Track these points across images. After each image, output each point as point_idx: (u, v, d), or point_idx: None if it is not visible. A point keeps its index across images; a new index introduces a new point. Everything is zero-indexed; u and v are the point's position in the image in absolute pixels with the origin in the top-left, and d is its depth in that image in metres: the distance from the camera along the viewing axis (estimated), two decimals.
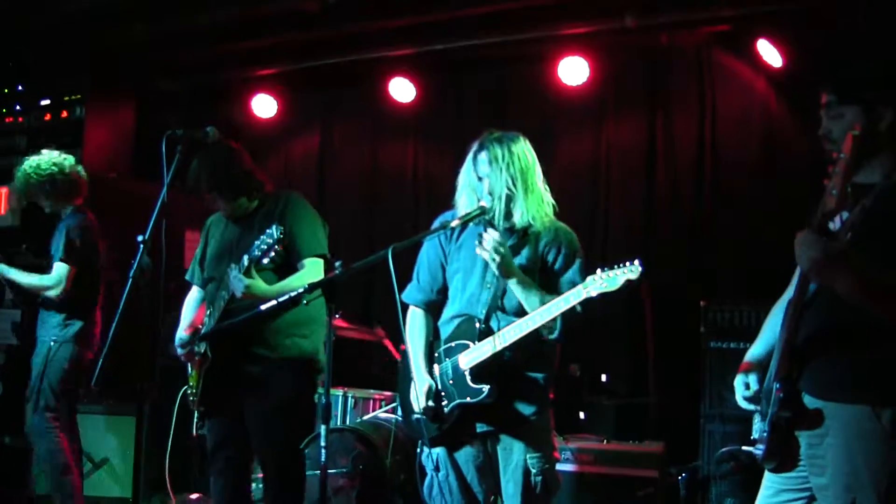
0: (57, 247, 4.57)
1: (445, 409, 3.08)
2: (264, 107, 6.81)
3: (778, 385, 2.38)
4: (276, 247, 3.25)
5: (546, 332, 2.97)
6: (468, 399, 3.00)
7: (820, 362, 2.34)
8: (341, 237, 6.43)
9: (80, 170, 4.79)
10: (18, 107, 6.41)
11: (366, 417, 5.20)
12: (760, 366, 2.58)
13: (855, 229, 2.30)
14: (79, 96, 6.23)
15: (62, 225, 4.64)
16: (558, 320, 2.93)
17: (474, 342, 3.03)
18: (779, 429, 2.38)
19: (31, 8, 5.83)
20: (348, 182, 6.85)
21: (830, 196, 2.19)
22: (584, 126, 6.11)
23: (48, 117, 6.31)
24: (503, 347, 2.95)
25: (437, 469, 3.18)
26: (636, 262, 2.76)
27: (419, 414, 3.12)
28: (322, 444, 2.84)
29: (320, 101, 7.03)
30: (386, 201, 6.70)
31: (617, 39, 5.83)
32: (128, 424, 5.36)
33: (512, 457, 3.05)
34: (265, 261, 3.31)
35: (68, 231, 4.55)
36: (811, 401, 2.34)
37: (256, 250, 3.30)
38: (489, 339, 2.98)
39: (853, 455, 2.24)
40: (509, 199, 3.06)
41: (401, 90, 6.37)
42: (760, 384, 2.54)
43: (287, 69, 6.60)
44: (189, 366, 3.84)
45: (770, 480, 2.51)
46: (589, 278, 2.82)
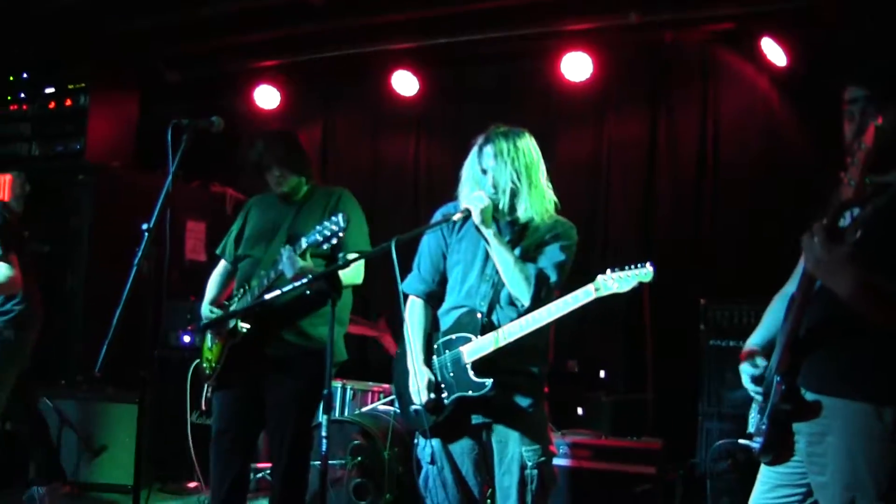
0: None
1: (445, 402, 3.09)
2: (267, 98, 6.82)
3: (779, 378, 2.38)
4: (340, 234, 3.21)
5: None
6: (470, 392, 3.02)
7: (820, 357, 2.34)
8: None
9: None
10: (23, 95, 6.40)
11: (364, 409, 5.22)
12: (758, 352, 2.57)
13: (865, 228, 2.28)
14: (83, 85, 6.21)
15: None
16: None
17: (476, 335, 3.03)
18: (778, 422, 2.39)
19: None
20: (350, 174, 6.86)
21: (847, 187, 2.12)
22: (586, 122, 6.12)
23: (52, 105, 6.30)
24: (505, 343, 2.97)
25: (433, 462, 3.19)
26: (648, 265, 2.79)
27: (417, 405, 3.14)
28: (323, 434, 2.86)
29: (323, 94, 7.03)
30: (387, 194, 6.70)
31: (620, 36, 5.83)
32: (129, 412, 5.38)
33: (507, 449, 3.06)
34: (325, 246, 3.29)
35: None
36: (810, 395, 2.34)
37: (318, 235, 3.26)
38: (492, 334, 3.00)
39: (854, 454, 2.23)
40: (513, 194, 3.08)
41: (403, 84, 6.37)
42: (763, 368, 2.51)
43: (290, 61, 6.60)
44: (209, 338, 3.87)
45: (766, 476, 2.51)
46: (599, 278, 2.85)
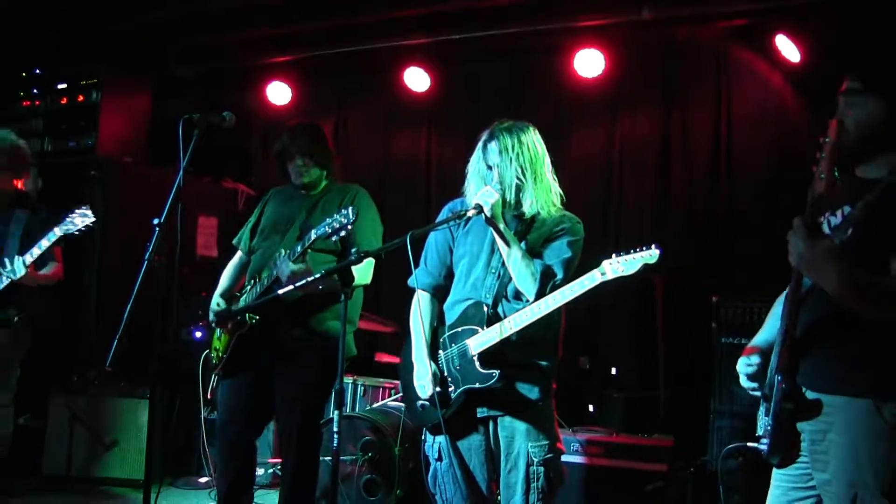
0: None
1: (452, 395, 3.08)
2: (279, 94, 6.83)
3: (780, 377, 2.38)
4: (349, 227, 3.20)
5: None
6: (477, 384, 3.01)
7: (818, 355, 2.34)
8: None
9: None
10: (35, 90, 6.43)
11: (375, 405, 5.22)
12: (762, 351, 2.58)
13: (858, 225, 2.30)
14: (95, 81, 6.24)
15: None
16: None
17: (483, 327, 3.03)
18: (782, 421, 2.39)
19: None
20: (361, 170, 6.85)
21: (819, 181, 2.18)
22: (599, 119, 6.09)
23: (64, 101, 6.33)
24: (511, 333, 2.96)
25: (440, 459, 3.19)
26: (653, 247, 2.77)
27: (423, 401, 3.14)
28: (335, 430, 2.85)
29: (335, 89, 7.03)
30: (399, 190, 6.70)
31: (633, 32, 5.80)
32: (140, 407, 5.41)
33: (514, 444, 3.04)
34: (334, 238, 3.28)
35: None
36: (811, 394, 2.35)
37: (327, 227, 3.25)
38: (497, 325, 2.99)
39: (856, 451, 2.24)
40: (519, 189, 3.08)
41: (415, 79, 6.37)
42: (764, 364, 2.52)
43: (302, 57, 6.59)
44: (218, 329, 3.92)
45: (778, 479, 2.51)
46: (604, 263, 2.83)
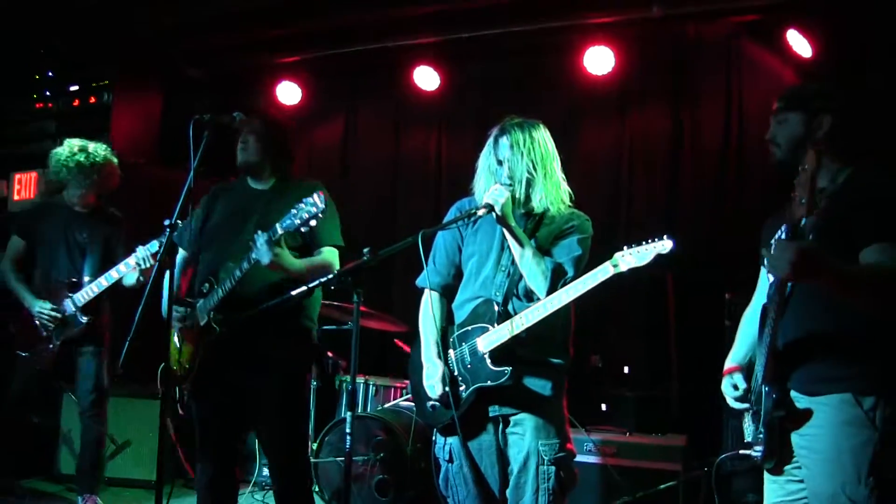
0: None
1: (463, 394, 3.07)
2: (289, 94, 6.83)
3: (767, 388, 2.50)
4: (319, 215, 3.16)
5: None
6: (488, 382, 2.99)
7: (806, 361, 2.47)
8: (364, 224, 6.44)
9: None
10: (48, 92, 6.46)
11: (387, 405, 5.22)
12: (742, 368, 2.74)
13: (817, 231, 2.44)
14: (106, 82, 6.27)
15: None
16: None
17: (493, 325, 3.01)
18: (773, 429, 2.50)
19: None
20: (371, 169, 6.86)
21: (800, 206, 2.29)
22: (609, 117, 6.07)
23: (76, 103, 6.36)
24: (522, 330, 2.94)
25: (451, 460, 3.17)
26: (666, 238, 2.76)
27: (434, 401, 3.12)
28: (347, 431, 2.85)
29: (344, 89, 7.03)
30: (409, 189, 6.70)
31: (643, 29, 5.78)
32: (152, 408, 5.40)
33: (524, 443, 3.02)
34: (303, 230, 3.23)
35: None
36: (800, 398, 2.48)
37: (294, 218, 3.20)
38: (507, 322, 2.97)
39: (837, 440, 2.38)
40: (528, 185, 3.07)
41: (425, 78, 6.36)
42: (747, 383, 2.65)
43: (312, 56, 6.60)
44: (175, 339, 3.66)
45: (770, 489, 2.64)
46: (617, 255, 2.82)
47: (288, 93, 6.82)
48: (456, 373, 3.10)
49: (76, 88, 6.37)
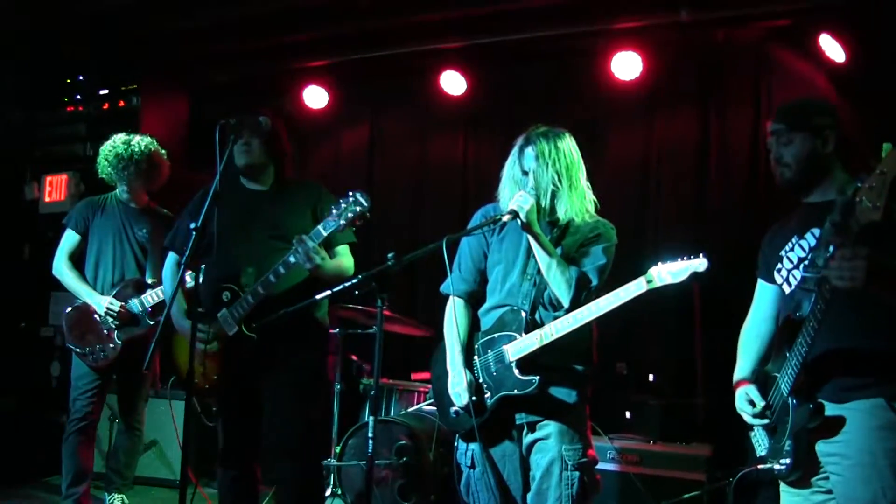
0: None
1: (487, 402, 3.06)
2: (315, 98, 6.86)
3: (795, 400, 2.49)
4: (367, 214, 3.18)
5: None
6: (515, 391, 2.99)
7: (838, 373, 2.46)
8: (389, 229, 6.45)
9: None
10: (79, 96, 6.54)
11: (410, 410, 5.21)
12: (754, 383, 2.75)
13: (834, 243, 2.37)
14: (135, 86, 6.34)
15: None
16: None
17: (521, 334, 3.00)
18: (801, 440, 2.48)
19: (90, 2, 5.96)
20: (397, 174, 6.87)
21: (875, 209, 2.20)
22: (636, 122, 6.03)
23: (106, 106, 6.43)
24: (551, 340, 2.93)
25: (473, 466, 3.16)
26: (701, 256, 2.77)
27: (458, 407, 3.12)
28: (369, 435, 2.85)
29: (371, 93, 7.04)
30: (435, 194, 6.69)
31: (671, 34, 5.73)
32: (176, 409, 5.44)
33: (547, 448, 3.01)
34: (359, 223, 3.25)
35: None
36: (832, 407, 2.46)
37: (342, 219, 3.21)
38: (537, 331, 2.96)
39: (871, 444, 2.37)
40: (554, 195, 3.07)
41: (451, 83, 6.36)
42: (764, 398, 2.66)
43: (338, 61, 6.62)
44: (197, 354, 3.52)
45: (788, 494, 2.64)
46: (651, 270, 2.81)
47: (315, 97, 6.85)
48: (480, 380, 3.10)
49: (106, 92, 6.45)
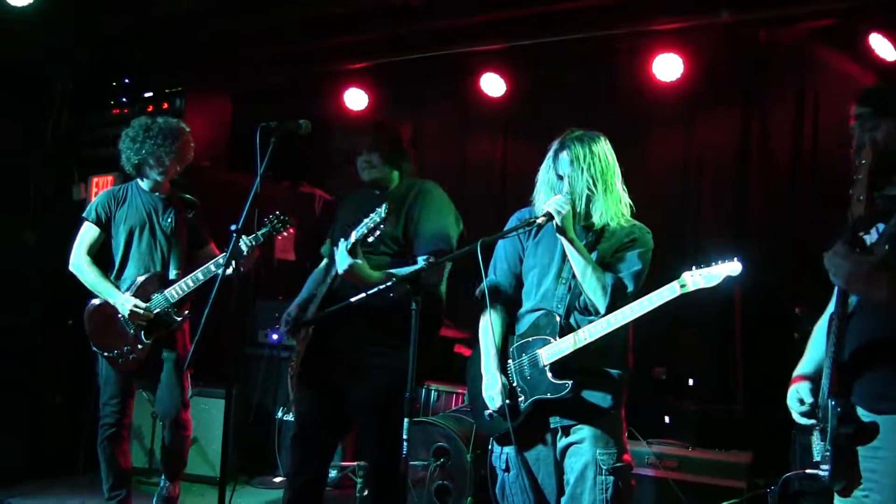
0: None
1: (523, 405, 3.06)
2: (356, 100, 6.92)
3: (833, 402, 2.39)
4: (382, 226, 3.21)
5: None
6: (548, 395, 2.98)
7: (869, 375, 2.37)
8: None
9: None
10: (124, 99, 6.65)
11: (448, 411, 5.23)
12: (810, 380, 2.60)
13: (893, 240, 2.34)
14: (179, 89, 6.42)
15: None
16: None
17: (555, 338, 3.00)
18: (841, 446, 2.38)
19: (137, 7, 6.07)
20: (436, 175, 6.78)
21: (858, 202, 2.27)
22: (677, 123, 6.00)
23: (150, 109, 6.52)
24: (585, 344, 2.92)
25: (508, 469, 3.16)
26: (735, 260, 2.74)
27: (492, 410, 3.12)
28: (404, 437, 2.86)
29: (411, 95, 7.08)
30: (475, 195, 6.67)
31: (713, 35, 5.67)
32: (218, 406, 5.52)
33: (581, 452, 2.99)
34: (370, 239, 3.29)
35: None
36: (865, 414, 2.37)
37: (364, 227, 3.27)
38: (572, 335, 2.96)
39: None
40: (589, 199, 3.05)
41: (491, 85, 6.37)
42: (815, 397, 2.53)
43: (378, 63, 6.66)
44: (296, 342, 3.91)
45: None
46: (685, 275, 2.79)
47: (355, 99, 6.91)
48: (514, 384, 3.10)
49: (150, 95, 6.55)
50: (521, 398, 3.06)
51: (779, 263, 5.44)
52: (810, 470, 2.56)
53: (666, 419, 5.13)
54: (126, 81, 6.68)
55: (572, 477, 3.01)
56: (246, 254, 4.01)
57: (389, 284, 3.01)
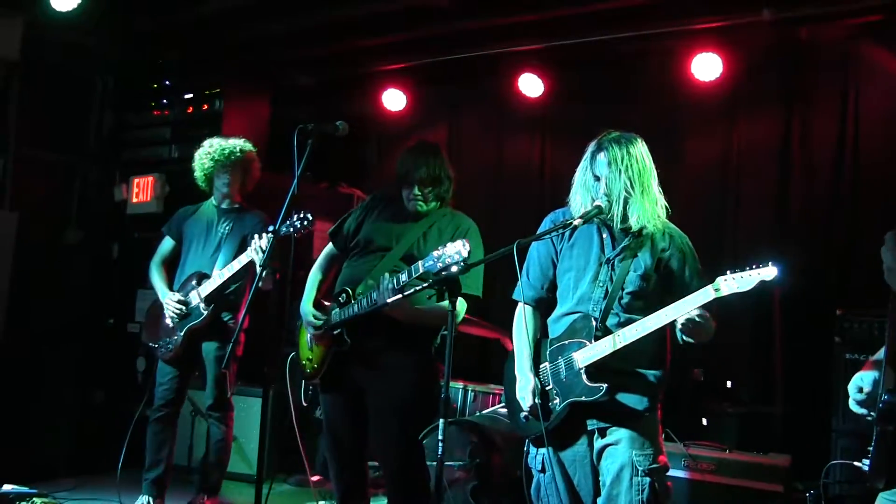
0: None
1: (558, 407, 3.05)
2: (394, 101, 6.95)
3: (886, 396, 2.34)
4: (461, 263, 3.03)
5: None
6: (583, 398, 2.97)
7: None
8: None
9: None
10: (165, 101, 6.74)
11: (485, 412, 5.22)
12: (881, 365, 2.51)
13: None
14: (218, 90, 6.49)
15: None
16: None
17: (591, 341, 2.99)
18: (883, 442, 2.34)
19: (176, 9, 6.16)
20: (474, 176, 6.87)
21: None
22: (716, 124, 5.92)
23: (190, 110, 6.61)
24: (621, 347, 2.91)
25: (543, 470, 3.16)
26: (770, 265, 2.69)
27: (526, 412, 3.12)
28: (439, 438, 2.87)
29: (449, 96, 7.09)
30: (512, 196, 6.69)
31: (753, 34, 5.59)
32: (256, 405, 5.60)
33: (618, 454, 2.98)
34: (444, 274, 3.08)
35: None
36: None
37: (439, 262, 3.08)
38: (608, 338, 2.95)
39: None
40: (626, 201, 3.03)
41: (529, 85, 6.35)
42: (876, 387, 2.46)
43: (416, 64, 6.69)
44: (307, 338, 3.86)
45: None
46: (719, 279, 2.76)
47: (393, 99, 6.94)
48: (549, 386, 3.10)
49: (190, 96, 6.63)
50: (556, 400, 3.06)
51: (820, 265, 5.36)
52: (858, 462, 2.50)
53: (703, 421, 5.08)
54: (166, 83, 6.78)
55: (608, 479, 3.00)
56: (264, 252, 4.19)
57: (426, 285, 3.02)
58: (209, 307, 4.64)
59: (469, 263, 2.96)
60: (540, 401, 3.06)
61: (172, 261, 4.98)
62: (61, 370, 6.37)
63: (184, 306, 4.69)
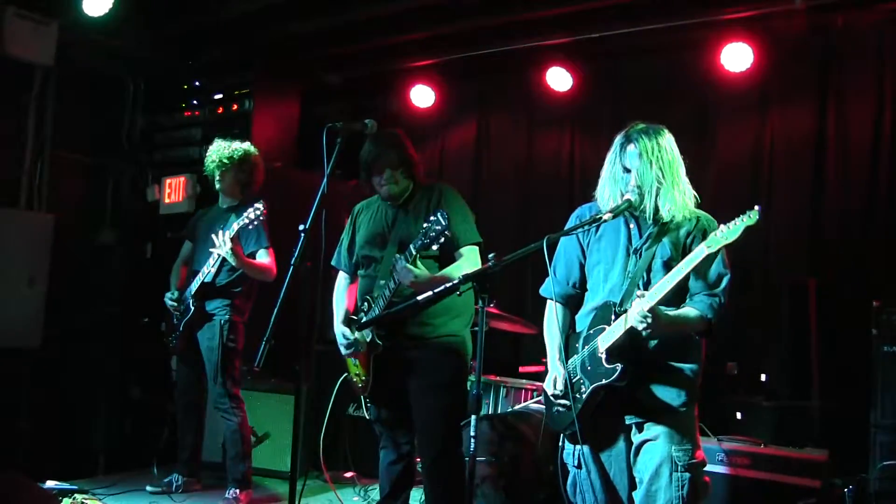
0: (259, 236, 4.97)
1: (583, 395, 3.03)
2: (422, 97, 6.94)
3: None
4: (446, 233, 3.35)
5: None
6: (602, 381, 2.96)
7: None
8: (496, 227, 6.43)
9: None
10: (195, 102, 6.80)
11: (517, 407, 5.22)
12: None
13: None
14: (247, 90, 6.54)
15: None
16: None
17: (608, 324, 2.99)
18: None
19: (206, 10, 6.21)
20: (504, 172, 6.87)
21: None
22: (748, 115, 5.83)
23: (220, 110, 6.66)
24: (632, 323, 2.85)
25: (579, 466, 3.15)
26: (755, 208, 2.67)
27: (558, 405, 3.12)
28: (471, 434, 2.87)
29: (477, 91, 7.07)
30: (541, 191, 6.65)
31: (785, 22, 5.49)
32: (289, 402, 5.62)
33: (656, 449, 2.96)
34: (434, 247, 3.43)
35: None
36: None
37: (425, 238, 3.40)
38: (619, 319, 2.93)
39: None
40: (658, 192, 3.01)
41: (558, 79, 6.32)
42: None
43: (444, 59, 6.68)
44: (351, 358, 4.03)
45: None
46: (710, 237, 2.75)
47: (421, 96, 6.93)
48: (577, 377, 3.08)
49: (220, 96, 6.68)
50: (583, 388, 3.04)
51: (857, 257, 5.27)
52: None
53: (738, 415, 5.03)
54: (196, 84, 6.83)
55: (647, 475, 2.98)
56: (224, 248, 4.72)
57: (456, 283, 3.02)
58: (196, 300, 4.99)
59: (500, 262, 2.94)
60: (571, 392, 3.05)
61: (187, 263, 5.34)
62: (98, 369, 6.46)
63: (180, 303, 5.07)
